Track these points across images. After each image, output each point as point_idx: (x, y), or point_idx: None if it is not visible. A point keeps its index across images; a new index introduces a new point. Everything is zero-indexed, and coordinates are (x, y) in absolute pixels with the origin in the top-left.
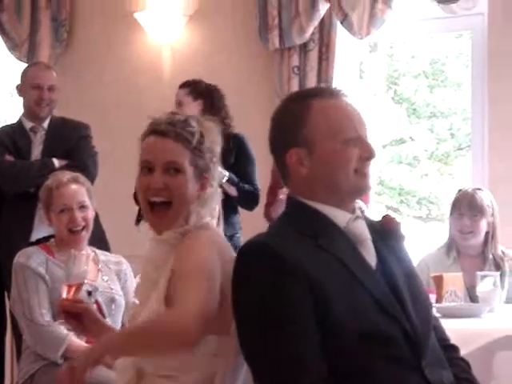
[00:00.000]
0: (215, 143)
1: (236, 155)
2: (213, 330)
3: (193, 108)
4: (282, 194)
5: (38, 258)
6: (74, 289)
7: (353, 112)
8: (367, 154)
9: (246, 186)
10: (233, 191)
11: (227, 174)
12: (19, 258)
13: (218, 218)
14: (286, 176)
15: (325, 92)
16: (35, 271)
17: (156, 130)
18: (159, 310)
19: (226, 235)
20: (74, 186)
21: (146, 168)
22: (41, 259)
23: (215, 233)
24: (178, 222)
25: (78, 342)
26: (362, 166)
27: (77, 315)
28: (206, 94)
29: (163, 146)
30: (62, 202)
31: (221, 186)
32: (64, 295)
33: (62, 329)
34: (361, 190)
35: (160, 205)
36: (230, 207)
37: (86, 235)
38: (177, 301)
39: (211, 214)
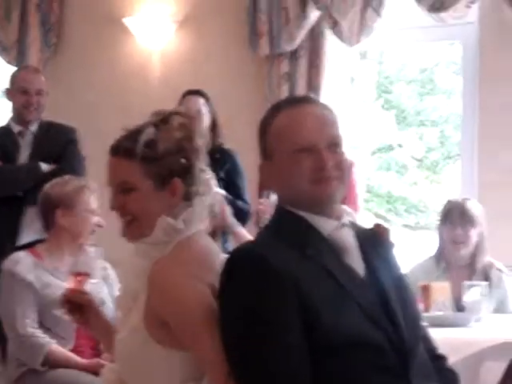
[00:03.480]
0: (184, 140)
1: (227, 170)
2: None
3: (207, 120)
4: (260, 205)
5: (27, 263)
6: (79, 279)
7: (310, 120)
8: (319, 164)
9: (240, 203)
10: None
11: (224, 192)
12: (7, 263)
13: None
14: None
15: (290, 101)
16: (22, 278)
17: (109, 149)
18: (138, 327)
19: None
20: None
21: (110, 190)
22: (29, 264)
23: (197, 246)
24: (146, 234)
25: (58, 350)
26: (317, 176)
27: (80, 306)
28: (212, 108)
29: (113, 166)
30: (91, 206)
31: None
32: (69, 285)
33: (43, 337)
34: (319, 200)
35: (125, 223)
36: None
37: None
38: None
39: (193, 219)
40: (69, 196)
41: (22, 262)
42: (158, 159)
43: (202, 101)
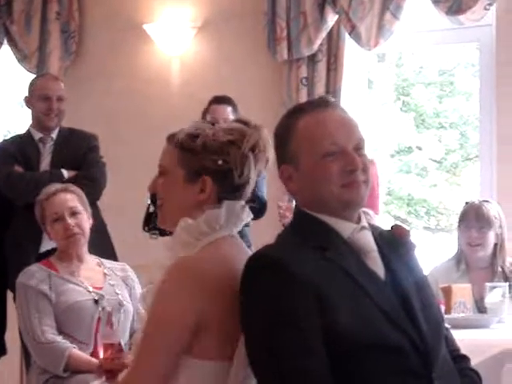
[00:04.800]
0: (231, 145)
1: None
2: (210, 356)
3: None
4: (281, 209)
5: (40, 275)
6: (111, 347)
7: (338, 124)
8: (350, 167)
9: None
10: None
11: None
12: (21, 277)
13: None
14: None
15: (314, 105)
16: (36, 289)
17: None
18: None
19: None
20: (63, 195)
21: None
22: (43, 276)
23: (217, 252)
24: (167, 224)
25: (78, 354)
26: (347, 179)
27: (117, 371)
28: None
29: (162, 150)
30: (53, 210)
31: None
32: (101, 355)
33: (63, 343)
34: (348, 203)
35: (157, 207)
36: None
37: (83, 242)
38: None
39: (219, 222)
40: (38, 211)
41: (35, 276)
42: (195, 152)
43: (229, 109)
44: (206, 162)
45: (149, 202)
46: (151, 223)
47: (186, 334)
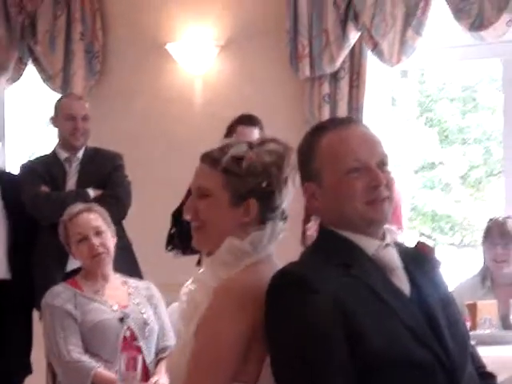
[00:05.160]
0: (272, 166)
1: None
2: (242, 379)
3: None
4: (309, 230)
5: (66, 295)
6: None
7: (360, 140)
8: (374, 183)
9: None
10: None
11: None
12: (46, 297)
13: None
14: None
15: (337, 123)
16: (61, 309)
17: (200, 156)
18: (189, 342)
19: None
20: (86, 215)
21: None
22: (69, 296)
23: (262, 273)
24: (209, 246)
25: (104, 373)
26: (371, 195)
27: None
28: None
29: (198, 171)
30: (77, 231)
31: None
32: None
33: (88, 362)
34: (373, 221)
35: (194, 228)
36: None
37: (108, 261)
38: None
39: (262, 242)
40: (61, 232)
41: (60, 296)
42: (240, 176)
43: (256, 130)
44: (252, 185)
45: (171, 222)
46: (173, 243)
47: (236, 356)
